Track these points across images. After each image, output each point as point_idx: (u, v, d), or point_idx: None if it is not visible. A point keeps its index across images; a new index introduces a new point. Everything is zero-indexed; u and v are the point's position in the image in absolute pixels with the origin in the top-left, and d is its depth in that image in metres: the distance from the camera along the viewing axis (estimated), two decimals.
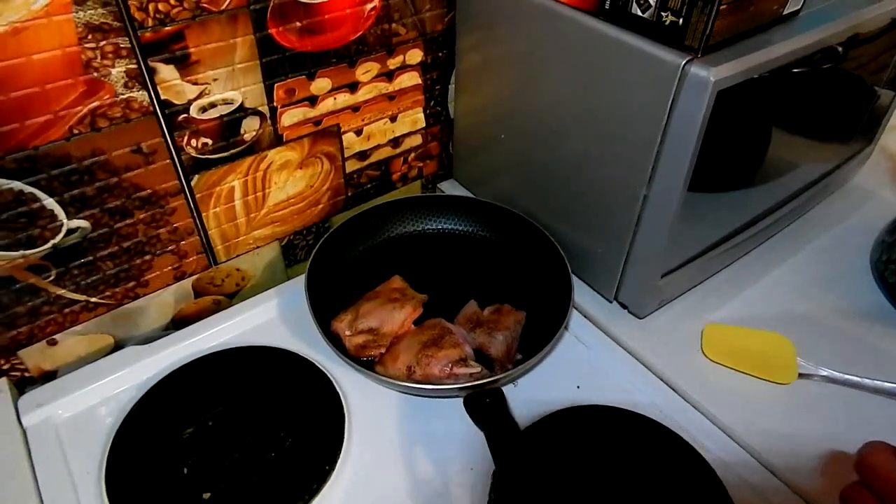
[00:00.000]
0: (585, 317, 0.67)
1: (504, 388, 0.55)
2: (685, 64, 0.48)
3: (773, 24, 0.53)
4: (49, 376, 0.63)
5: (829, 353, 0.62)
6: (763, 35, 0.52)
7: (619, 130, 0.55)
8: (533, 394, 0.59)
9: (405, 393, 0.59)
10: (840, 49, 0.72)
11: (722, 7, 0.45)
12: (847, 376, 0.59)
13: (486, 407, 0.53)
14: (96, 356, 0.64)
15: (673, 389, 0.60)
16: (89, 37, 0.49)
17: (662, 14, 0.48)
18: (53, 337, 0.61)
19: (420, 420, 0.57)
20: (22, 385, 0.62)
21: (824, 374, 0.60)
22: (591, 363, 0.63)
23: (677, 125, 0.50)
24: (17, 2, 0.45)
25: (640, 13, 0.50)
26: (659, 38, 0.50)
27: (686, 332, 0.64)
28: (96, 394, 0.59)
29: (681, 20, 0.48)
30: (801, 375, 0.60)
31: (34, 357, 0.61)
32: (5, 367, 0.60)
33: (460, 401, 0.56)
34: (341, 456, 0.53)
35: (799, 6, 0.54)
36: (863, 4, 0.59)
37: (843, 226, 0.79)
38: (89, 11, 0.48)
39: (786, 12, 0.53)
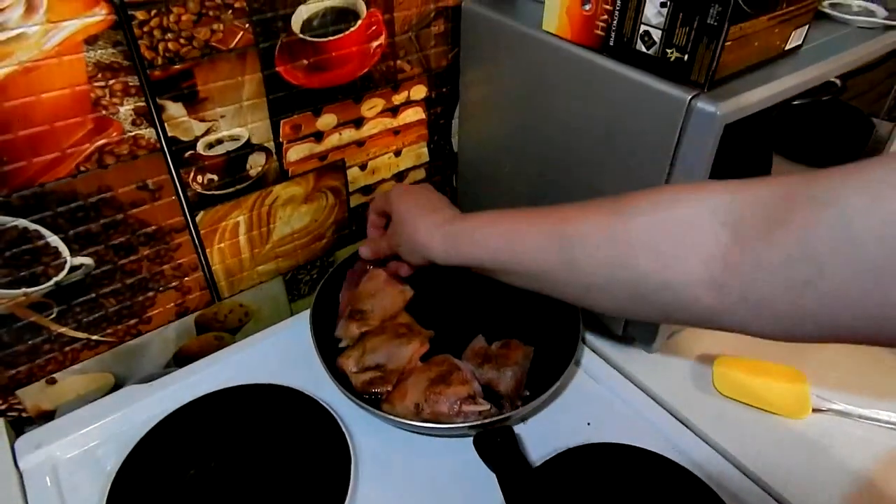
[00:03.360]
0: (594, 352, 0.66)
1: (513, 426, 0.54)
2: (692, 99, 0.48)
3: (776, 59, 0.54)
4: (47, 416, 0.62)
5: (842, 385, 0.61)
6: (767, 69, 0.52)
7: (625, 164, 0.56)
8: (543, 431, 0.58)
9: (413, 432, 0.58)
10: (839, 81, 0.74)
11: (727, 43, 0.46)
12: (861, 410, 0.58)
13: (497, 446, 0.52)
14: (96, 395, 0.63)
15: (685, 426, 0.59)
16: (99, 76, 0.49)
17: (668, 51, 0.49)
18: (53, 376, 0.60)
19: (428, 459, 0.56)
20: (19, 425, 0.60)
21: (838, 408, 0.59)
22: (601, 399, 0.62)
23: (684, 158, 0.50)
24: (30, 41, 0.45)
25: (644, 50, 0.51)
26: (664, 74, 0.50)
27: (697, 366, 0.64)
28: (96, 434, 0.58)
29: (686, 56, 0.48)
30: (814, 410, 0.59)
31: (33, 396, 0.60)
32: (2, 406, 0.59)
33: (469, 439, 0.54)
34: (348, 498, 0.51)
35: (801, 41, 0.55)
36: (861, 39, 0.60)
37: None
38: (100, 51, 0.48)
39: (788, 47, 0.54)
